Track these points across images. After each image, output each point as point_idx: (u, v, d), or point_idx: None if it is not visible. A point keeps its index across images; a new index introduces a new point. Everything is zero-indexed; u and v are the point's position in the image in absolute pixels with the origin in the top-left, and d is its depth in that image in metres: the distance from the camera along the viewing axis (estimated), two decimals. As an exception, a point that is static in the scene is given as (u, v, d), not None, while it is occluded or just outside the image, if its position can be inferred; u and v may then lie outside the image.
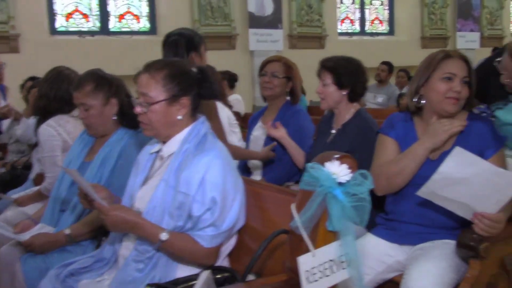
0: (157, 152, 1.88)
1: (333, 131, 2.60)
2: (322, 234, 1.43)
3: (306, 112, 3.08)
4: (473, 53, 9.62)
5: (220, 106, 3.65)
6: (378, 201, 2.22)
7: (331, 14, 8.67)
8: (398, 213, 2.08)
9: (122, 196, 1.93)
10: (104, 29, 7.09)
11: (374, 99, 6.83)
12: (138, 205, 1.80)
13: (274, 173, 2.98)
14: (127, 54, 6.47)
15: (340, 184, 1.39)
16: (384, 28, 9.60)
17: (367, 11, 9.40)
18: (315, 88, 2.65)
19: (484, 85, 2.26)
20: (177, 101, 1.77)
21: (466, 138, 2.00)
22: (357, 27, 9.33)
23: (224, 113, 3.63)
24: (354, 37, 9.12)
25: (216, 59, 4.26)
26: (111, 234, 1.89)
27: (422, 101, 2.06)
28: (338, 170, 1.39)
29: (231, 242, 1.83)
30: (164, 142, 1.84)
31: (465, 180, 1.66)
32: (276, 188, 1.97)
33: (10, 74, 4.50)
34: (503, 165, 2.00)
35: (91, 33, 7.00)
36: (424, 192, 1.76)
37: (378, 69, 7.09)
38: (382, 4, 9.56)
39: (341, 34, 9.01)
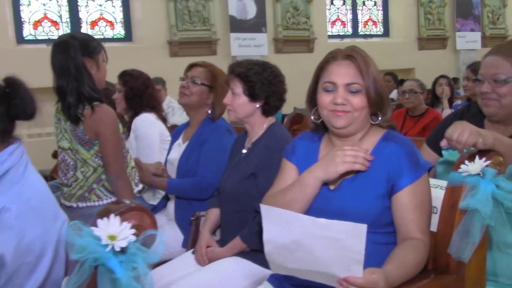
0: None
1: (244, 151, 2.17)
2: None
3: (228, 130, 2.56)
4: (474, 54, 9.10)
5: (152, 120, 3.25)
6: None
7: (319, 16, 8.22)
8: None
9: None
10: (75, 37, 6.74)
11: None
12: None
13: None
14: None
15: (120, 252, 0.96)
16: (378, 29, 9.11)
17: (359, 12, 8.92)
18: (302, 96, 2.03)
19: None
20: None
21: (374, 161, 1.55)
22: (349, 29, 8.85)
23: (156, 128, 3.23)
24: (346, 40, 8.64)
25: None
26: None
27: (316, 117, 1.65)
28: (117, 230, 0.95)
29: None
30: None
31: (296, 244, 1.24)
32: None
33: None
34: (422, 199, 1.53)
35: (61, 41, 6.65)
36: (274, 269, 1.36)
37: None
38: (375, 5, 9.07)
39: (331, 36, 8.55)
